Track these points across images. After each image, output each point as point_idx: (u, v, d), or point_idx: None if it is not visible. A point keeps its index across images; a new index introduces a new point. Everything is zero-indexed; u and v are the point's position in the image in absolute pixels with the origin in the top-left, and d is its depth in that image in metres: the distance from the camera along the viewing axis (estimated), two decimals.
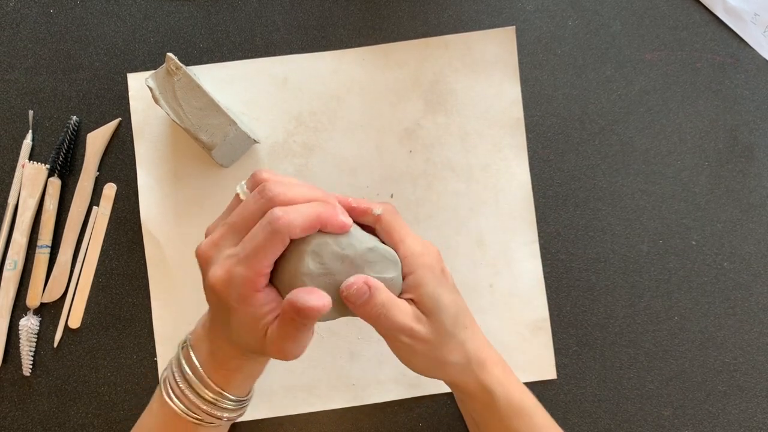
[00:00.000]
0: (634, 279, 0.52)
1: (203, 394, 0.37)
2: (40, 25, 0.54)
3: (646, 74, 0.54)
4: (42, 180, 0.52)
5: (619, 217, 0.53)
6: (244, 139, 0.50)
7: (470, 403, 0.42)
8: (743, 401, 0.51)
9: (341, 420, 0.51)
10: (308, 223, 0.32)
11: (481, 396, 0.40)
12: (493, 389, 0.40)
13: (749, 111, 0.53)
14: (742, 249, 0.52)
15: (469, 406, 0.43)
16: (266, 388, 0.51)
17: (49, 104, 0.53)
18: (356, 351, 0.52)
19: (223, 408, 0.37)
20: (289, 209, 0.32)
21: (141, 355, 0.52)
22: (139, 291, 0.52)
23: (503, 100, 0.53)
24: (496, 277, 0.52)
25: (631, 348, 0.52)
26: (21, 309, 0.52)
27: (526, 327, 0.52)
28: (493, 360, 0.40)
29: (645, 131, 0.53)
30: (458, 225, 0.52)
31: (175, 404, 0.37)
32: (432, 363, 0.38)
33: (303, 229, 0.32)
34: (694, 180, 0.53)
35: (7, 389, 0.51)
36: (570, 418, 0.51)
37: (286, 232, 0.31)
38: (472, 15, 0.54)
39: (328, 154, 0.53)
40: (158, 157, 0.53)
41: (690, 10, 0.54)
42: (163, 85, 0.48)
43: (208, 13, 0.54)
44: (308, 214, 0.32)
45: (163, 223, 0.52)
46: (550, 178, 0.53)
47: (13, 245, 0.51)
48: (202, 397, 0.37)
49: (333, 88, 0.53)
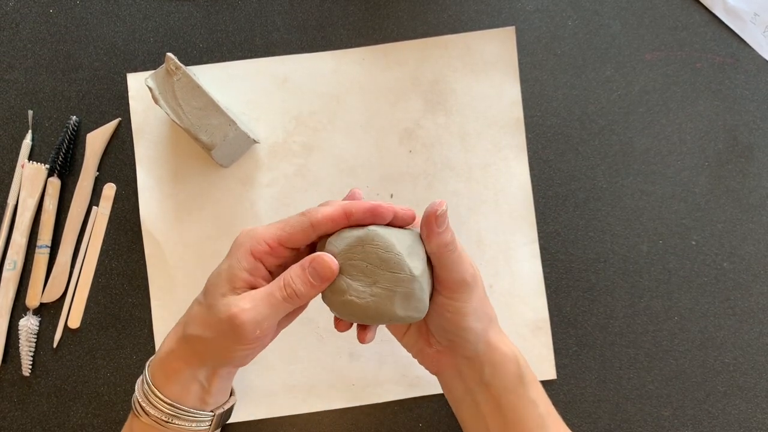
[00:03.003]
0: (634, 279, 0.52)
1: (150, 399, 0.39)
2: (40, 25, 0.54)
3: (646, 74, 0.54)
4: (41, 180, 0.52)
5: (619, 217, 0.53)
6: (243, 139, 0.50)
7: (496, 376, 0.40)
8: (743, 401, 0.51)
9: (341, 420, 0.51)
10: (332, 211, 0.36)
11: (509, 363, 0.40)
12: (517, 355, 0.40)
13: (749, 111, 0.53)
14: (742, 249, 0.52)
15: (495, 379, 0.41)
16: (266, 388, 0.51)
17: (48, 104, 0.53)
18: (356, 351, 0.52)
19: (169, 414, 0.39)
20: (320, 206, 0.37)
21: (141, 355, 0.51)
22: (139, 291, 0.52)
23: (503, 100, 0.53)
24: (495, 277, 0.52)
25: (631, 348, 0.52)
26: (20, 309, 0.52)
27: (526, 327, 0.52)
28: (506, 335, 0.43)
29: (645, 131, 0.53)
30: (458, 225, 0.52)
31: (135, 409, 0.40)
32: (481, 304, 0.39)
33: (326, 216, 0.36)
34: (694, 180, 0.53)
35: (7, 389, 0.51)
36: (570, 418, 0.51)
37: (310, 215, 0.36)
38: (472, 15, 0.54)
39: (328, 154, 0.53)
40: (158, 157, 0.53)
41: (690, 10, 0.54)
42: (162, 85, 0.48)
43: (208, 13, 0.54)
44: (335, 206, 0.36)
45: (163, 223, 0.52)
46: (550, 178, 0.53)
47: (12, 245, 0.51)
48: (150, 402, 0.39)
49: (333, 88, 0.53)
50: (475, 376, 0.41)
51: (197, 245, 0.52)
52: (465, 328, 0.38)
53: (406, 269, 0.35)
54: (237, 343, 0.36)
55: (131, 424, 0.41)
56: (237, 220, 0.52)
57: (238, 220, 0.52)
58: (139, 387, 0.40)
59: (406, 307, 0.36)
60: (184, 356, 0.39)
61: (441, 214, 0.35)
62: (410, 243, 0.36)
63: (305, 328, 0.52)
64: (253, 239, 0.36)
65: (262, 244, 0.36)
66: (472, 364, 0.40)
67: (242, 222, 0.52)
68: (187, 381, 0.39)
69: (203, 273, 0.52)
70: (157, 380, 0.39)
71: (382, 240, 0.35)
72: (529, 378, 0.40)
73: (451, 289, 0.37)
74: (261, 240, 0.36)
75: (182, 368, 0.39)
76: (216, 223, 0.52)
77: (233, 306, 0.35)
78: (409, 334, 0.42)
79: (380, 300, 0.35)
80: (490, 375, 0.40)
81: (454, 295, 0.38)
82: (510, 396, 0.40)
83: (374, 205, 0.36)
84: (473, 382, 0.41)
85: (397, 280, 0.35)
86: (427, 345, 0.42)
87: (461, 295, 0.38)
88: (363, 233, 0.36)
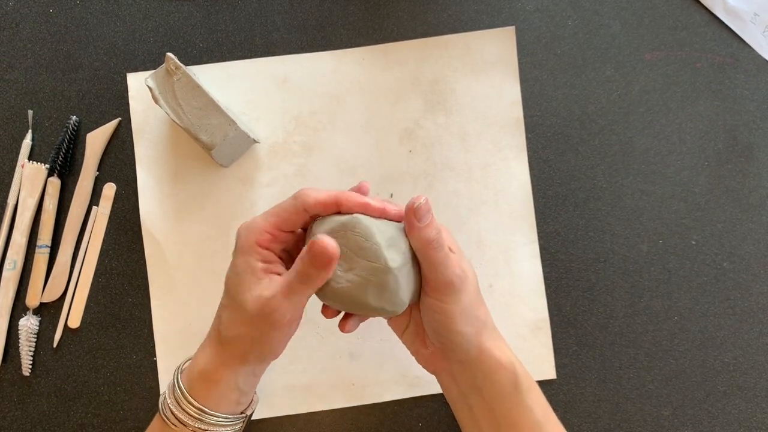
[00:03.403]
0: (634, 279, 0.52)
1: (187, 410, 0.39)
2: (40, 25, 0.54)
3: (646, 74, 0.54)
4: (41, 180, 0.52)
5: (619, 217, 0.53)
6: (243, 138, 0.50)
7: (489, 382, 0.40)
8: (743, 401, 0.51)
9: (341, 420, 0.51)
10: (324, 197, 0.37)
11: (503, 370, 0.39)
12: (513, 362, 0.40)
13: (749, 111, 0.53)
14: (742, 249, 0.52)
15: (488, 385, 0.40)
16: (266, 388, 0.51)
17: (48, 104, 0.53)
18: (356, 351, 0.52)
19: (210, 423, 0.39)
20: (312, 189, 0.38)
21: (141, 355, 0.51)
22: (139, 291, 0.52)
23: (503, 100, 0.53)
24: (495, 277, 0.52)
25: (631, 348, 0.52)
26: (21, 309, 0.52)
27: (526, 327, 0.52)
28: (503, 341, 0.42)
29: (645, 131, 0.53)
30: (458, 225, 0.52)
31: (167, 419, 0.39)
32: (471, 308, 0.39)
33: (317, 201, 0.37)
34: (694, 180, 0.53)
35: (7, 389, 0.51)
36: (570, 418, 0.51)
37: (302, 200, 0.37)
38: (472, 15, 0.54)
39: (328, 154, 0.53)
40: (158, 157, 0.53)
41: (690, 10, 0.54)
42: (162, 85, 0.48)
43: (208, 13, 0.54)
44: (326, 192, 0.37)
45: (163, 222, 0.52)
46: (549, 178, 0.53)
47: (12, 245, 0.51)
48: (187, 413, 0.39)
49: (333, 88, 0.53)
50: (468, 381, 0.41)
51: (197, 245, 0.52)
52: (454, 332, 0.38)
53: (381, 260, 0.35)
54: (273, 329, 0.37)
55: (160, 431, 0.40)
56: (237, 220, 0.52)
57: (238, 220, 0.52)
58: (170, 394, 0.40)
59: (379, 298, 0.36)
60: (226, 361, 0.39)
61: (419, 207, 0.36)
62: (392, 235, 0.37)
63: (305, 328, 0.52)
64: (254, 232, 0.37)
65: (264, 234, 0.37)
66: (465, 369, 0.40)
67: (242, 222, 0.52)
68: (226, 390, 0.39)
69: (203, 273, 0.52)
70: (197, 392, 0.39)
71: (363, 228, 0.36)
72: (526, 385, 0.40)
73: (437, 289, 0.38)
74: (262, 231, 0.37)
75: (223, 374, 0.39)
76: (216, 223, 0.52)
77: (262, 297, 0.36)
78: (408, 332, 0.42)
79: (354, 287, 0.36)
80: (483, 380, 0.40)
81: (441, 297, 0.38)
82: (504, 402, 0.40)
83: (365, 203, 0.37)
84: (467, 386, 0.41)
85: (372, 270, 0.36)
86: (423, 346, 0.42)
87: (447, 297, 0.38)
88: (346, 219, 0.36)
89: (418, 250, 0.37)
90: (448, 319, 0.38)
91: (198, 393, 0.39)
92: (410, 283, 0.37)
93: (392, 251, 0.36)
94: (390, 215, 0.38)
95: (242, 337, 0.38)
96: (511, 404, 0.40)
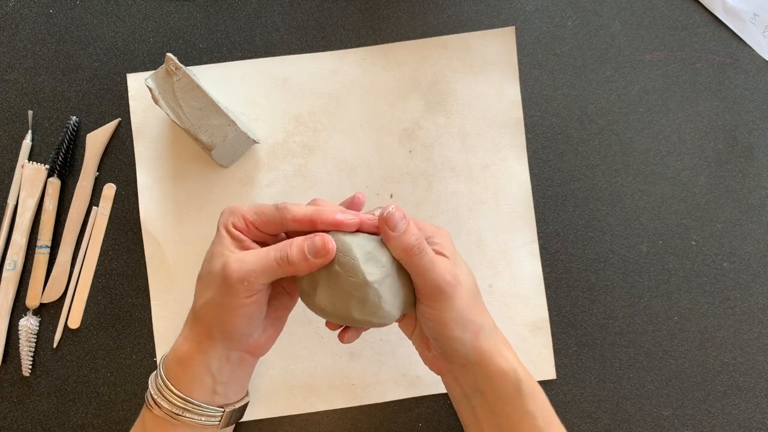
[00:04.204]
0: (634, 279, 0.52)
1: (164, 392, 0.39)
2: (39, 25, 0.54)
3: (646, 74, 0.54)
4: (41, 180, 0.52)
5: (618, 217, 0.53)
6: (243, 139, 0.50)
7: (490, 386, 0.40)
8: (743, 401, 0.51)
9: (341, 420, 0.51)
10: (301, 216, 0.37)
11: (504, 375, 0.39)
12: (515, 366, 0.40)
13: (749, 111, 0.53)
14: (742, 249, 0.52)
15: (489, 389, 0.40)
16: (266, 388, 0.51)
17: (48, 104, 0.53)
18: (356, 351, 0.52)
19: (180, 407, 0.39)
20: (294, 204, 0.38)
21: (140, 355, 0.51)
22: (139, 291, 0.52)
23: (503, 100, 0.53)
24: (495, 277, 0.52)
25: (631, 348, 0.52)
26: (20, 309, 0.52)
27: (525, 327, 0.52)
28: (505, 343, 0.42)
29: (645, 131, 0.53)
30: (458, 225, 0.52)
31: (147, 402, 0.40)
32: (465, 313, 0.38)
33: (294, 218, 0.37)
34: (693, 180, 0.53)
35: (7, 389, 0.51)
36: (570, 418, 0.51)
37: (282, 214, 0.37)
38: (471, 15, 0.54)
39: (328, 155, 0.53)
40: (158, 158, 0.53)
41: (689, 11, 0.54)
42: (162, 85, 0.48)
43: (208, 14, 0.54)
44: (306, 208, 0.38)
45: (163, 223, 0.52)
46: (549, 178, 0.53)
47: (12, 245, 0.51)
48: (163, 395, 0.39)
49: (333, 88, 0.53)
50: (470, 384, 0.41)
51: (197, 245, 0.52)
52: (449, 337, 0.38)
53: (360, 275, 0.36)
54: (229, 295, 0.37)
55: (143, 418, 0.41)
56: None
57: None
58: (152, 381, 0.41)
59: (362, 312, 0.37)
60: (196, 338, 0.39)
61: (389, 216, 0.36)
62: (371, 249, 0.37)
63: (305, 328, 0.52)
64: (234, 214, 0.39)
65: (241, 221, 0.38)
66: (467, 372, 0.40)
67: None
68: (199, 373, 0.39)
69: None
70: (171, 372, 0.39)
71: (342, 244, 0.37)
72: (528, 390, 0.39)
73: (427, 296, 0.38)
74: (240, 216, 0.39)
75: (194, 355, 0.39)
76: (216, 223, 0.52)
77: (225, 258, 0.37)
78: (414, 335, 0.43)
79: (339, 302, 0.37)
80: (484, 385, 0.40)
81: (431, 303, 0.38)
82: (506, 406, 0.40)
83: (338, 221, 0.37)
84: (469, 388, 0.41)
85: (353, 285, 0.36)
86: (427, 349, 0.42)
87: (438, 303, 0.37)
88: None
89: (400, 258, 0.37)
90: (441, 325, 0.38)
91: (173, 376, 0.39)
92: (397, 294, 0.38)
93: (370, 265, 0.36)
94: (365, 229, 0.38)
95: (207, 305, 0.38)
96: (513, 409, 0.40)
